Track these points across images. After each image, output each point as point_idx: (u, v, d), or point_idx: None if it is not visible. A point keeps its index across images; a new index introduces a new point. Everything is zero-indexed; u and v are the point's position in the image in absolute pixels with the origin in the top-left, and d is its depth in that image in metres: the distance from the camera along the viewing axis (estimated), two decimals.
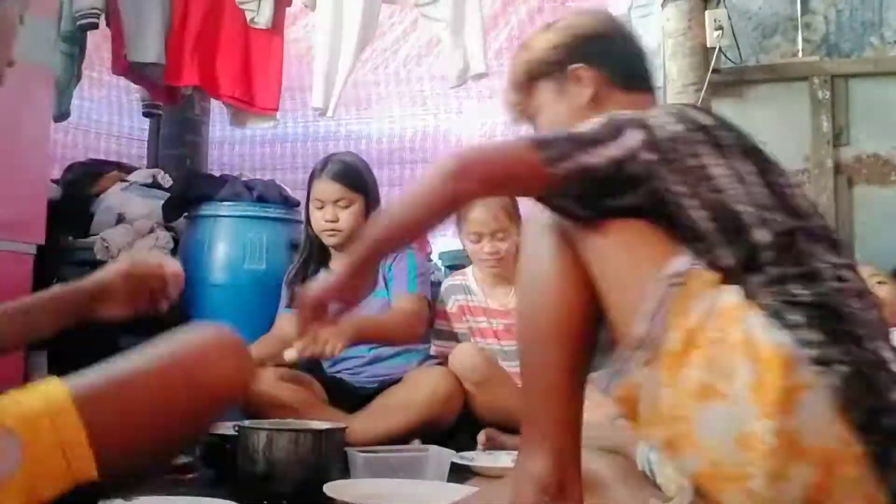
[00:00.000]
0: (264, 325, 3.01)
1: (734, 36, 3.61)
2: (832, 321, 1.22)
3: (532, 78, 1.60)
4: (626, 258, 1.31)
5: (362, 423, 2.35)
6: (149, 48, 3.72)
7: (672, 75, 3.42)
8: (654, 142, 1.31)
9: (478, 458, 2.05)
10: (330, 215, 2.77)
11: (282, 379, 2.61)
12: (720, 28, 3.41)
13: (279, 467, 1.74)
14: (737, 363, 1.18)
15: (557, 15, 4.41)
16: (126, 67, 3.82)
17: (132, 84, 4.21)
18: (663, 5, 3.51)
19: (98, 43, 4.11)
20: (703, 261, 1.27)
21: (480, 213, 2.76)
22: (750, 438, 1.17)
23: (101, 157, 4.60)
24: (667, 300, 1.23)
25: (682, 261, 1.25)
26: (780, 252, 1.27)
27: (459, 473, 1.90)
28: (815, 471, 1.16)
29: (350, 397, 2.59)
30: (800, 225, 1.30)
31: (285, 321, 2.82)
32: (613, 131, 1.32)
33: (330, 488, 1.58)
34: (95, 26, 3.63)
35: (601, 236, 1.32)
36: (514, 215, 2.76)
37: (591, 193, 1.31)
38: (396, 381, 2.57)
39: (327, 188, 2.79)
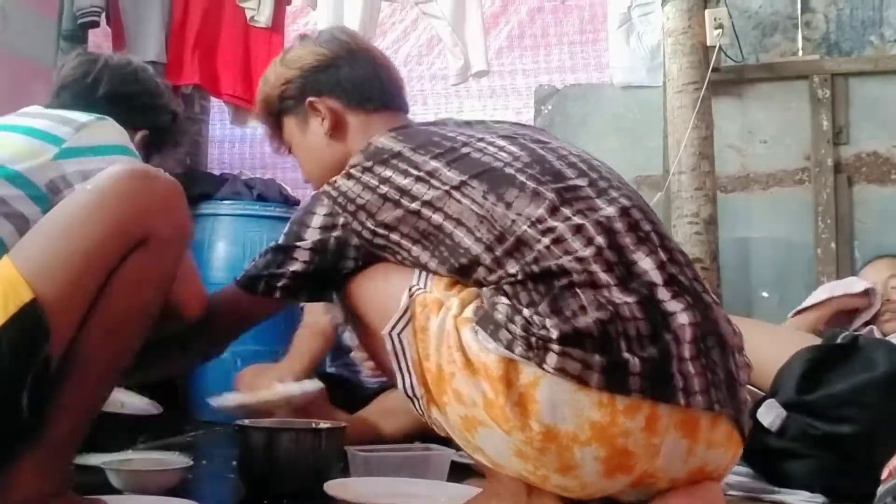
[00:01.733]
0: (264, 323, 3.01)
1: (734, 34, 3.61)
2: (542, 290, 1.22)
3: (274, 114, 1.69)
4: (372, 310, 1.40)
5: (362, 424, 2.34)
6: (149, 47, 3.72)
7: (672, 74, 3.42)
8: (334, 212, 1.43)
9: None
10: None
11: None
12: (720, 27, 3.41)
13: (279, 466, 1.74)
14: (470, 389, 1.21)
15: (557, 14, 4.44)
16: None
17: None
18: (663, 4, 3.51)
19: (99, 41, 4.10)
20: (430, 276, 1.35)
21: None
22: (521, 450, 1.20)
23: None
24: (404, 350, 1.30)
25: (403, 296, 1.31)
26: (489, 235, 1.29)
27: (459, 472, 1.90)
28: (597, 446, 1.17)
29: (351, 396, 2.59)
30: (490, 194, 1.31)
31: (316, 308, 2.86)
32: (297, 227, 1.47)
33: (330, 487, 1.58)
34: (97, 24, 3.63)
35: (353, 298, 1.45)
36: None
37: (318, 283, 1.46)
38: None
39: None
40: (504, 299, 1.23)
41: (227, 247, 3.29)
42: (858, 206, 3.55)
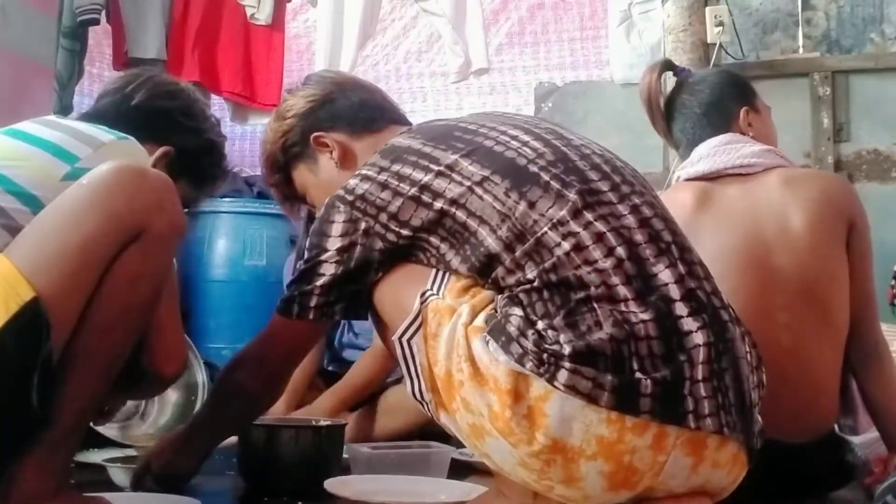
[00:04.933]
0: (264, 320, 3.00)
1: (735, 32, 3.62)
2: (558, 301, 1.21)
3: (283, 168, 1.67)
4: (389, 315, 1.37)
5: (363, 422, 2.35)
6: (150, 44, 3.72)
7: None
8: (353, 217, 1.39)
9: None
10: None
11: None
12: (721, 24, 3.41)
13: (280, 464, 1.74)
14: (478, 399, 1.21)
15: (558, 11, 4.44)
16: (127, 63, 3.82)
17: None
18: (664, 2, 3.51)
19: (99, 38, 4.10)
20: (447, 278, 1.33)
21: None
22: (525, 462, 1.20)
23: None
24: (413, 355, 1.29)
25: (415, 302, 1.30)
26: (509, 234, 1.27)
27: (460, 470, 1.90)
28: (602, 461, 1.17)
29: None
30: (513, 192, 1.29)
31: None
32: (317, 239, 1.41)
33: (331, 485, 1.58)
34: (97, 22, 3.63)
35: (375, 303, 1.41)
36: None
37: (350, 295, 1.41)
38: (398, 380, 2.56)
39: None
40: (518, 310, 1.22)
41: (227, 244, 3.29)
42: None
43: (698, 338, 1.21)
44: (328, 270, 1.40)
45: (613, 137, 3.84)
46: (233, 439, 1.78)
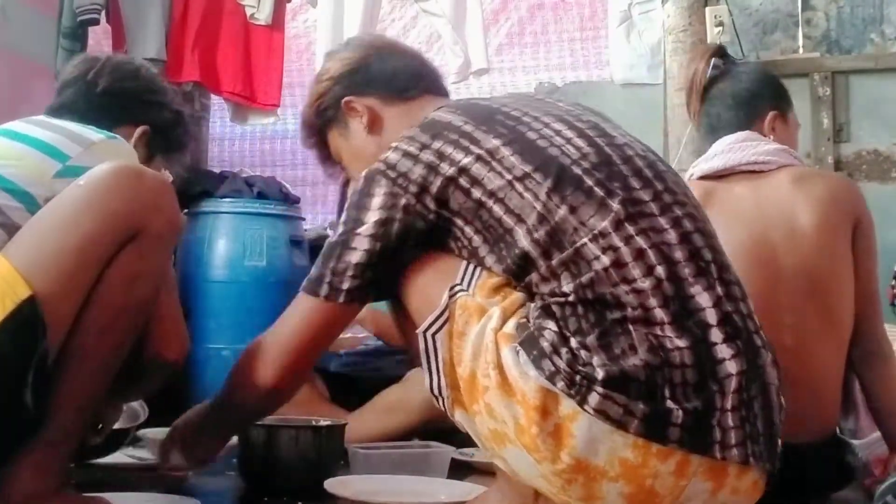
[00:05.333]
0: (265, 321, 2.99)
1: (735, 32, 3.61)
2: (593, 319, 1.18)
3: (318, 132, 1.66)
4: (415, 303, 1.34)
5: (363, 422, 2.34)
6: (149, 44, 3.71)
7: (672, 72, 3.42)
8: (394, 192, 1.33)
9: (478, 454, 2.06)
10: None
11: None
12: (721, 24, 3.41)
13: (279, 464, 1.74)
14: (503, 409, 1.19)
15: (558, 11, 4.43)
16: None
17: None
18: (664, 2, 3.51)
19: (99, 38, 4.10)
20: (478, 274, 1.30)
21: None
22: (547, 477, 1.19)
23: None
24: (436, 350, 1.27)
25: (443, 296, 1.27)
26: (547, 238, 1.24)
27: (460, 470, 1.90)
28: (624, 483, 1.16)
29: (353, 394, 2.59)
30: (555, 194, 1.25)
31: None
32: (355, 212, 1.35)
33: (331, 485, 1.58)
34: (97, 22, 3.63)
35: (401, 287, 1.37)
36: None
37: (381, 272, 1.35)
38: (398, 379, 2.56)
39: None
40: (552, 324, 1.19)
41: (228, 244, 3.28)
42: None
43: (731, 366, 1.19)
44: (363, 245, 1.33)
45: None
46: (233, 439, 1.78)
